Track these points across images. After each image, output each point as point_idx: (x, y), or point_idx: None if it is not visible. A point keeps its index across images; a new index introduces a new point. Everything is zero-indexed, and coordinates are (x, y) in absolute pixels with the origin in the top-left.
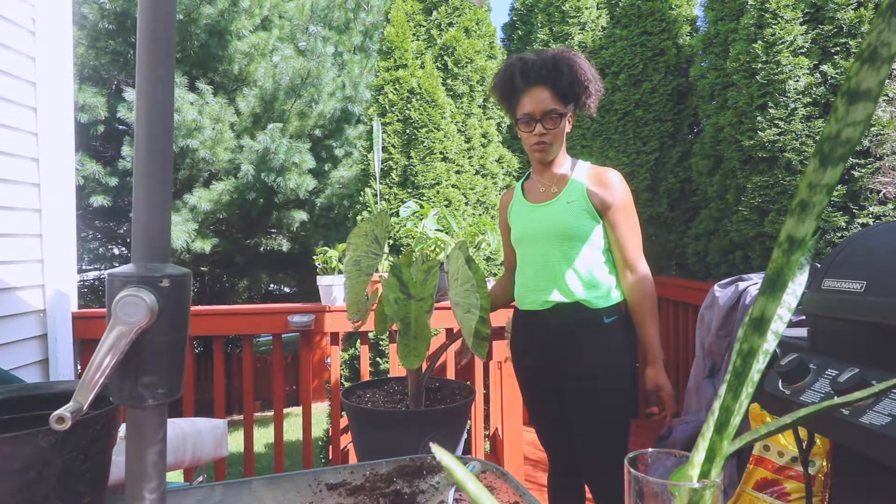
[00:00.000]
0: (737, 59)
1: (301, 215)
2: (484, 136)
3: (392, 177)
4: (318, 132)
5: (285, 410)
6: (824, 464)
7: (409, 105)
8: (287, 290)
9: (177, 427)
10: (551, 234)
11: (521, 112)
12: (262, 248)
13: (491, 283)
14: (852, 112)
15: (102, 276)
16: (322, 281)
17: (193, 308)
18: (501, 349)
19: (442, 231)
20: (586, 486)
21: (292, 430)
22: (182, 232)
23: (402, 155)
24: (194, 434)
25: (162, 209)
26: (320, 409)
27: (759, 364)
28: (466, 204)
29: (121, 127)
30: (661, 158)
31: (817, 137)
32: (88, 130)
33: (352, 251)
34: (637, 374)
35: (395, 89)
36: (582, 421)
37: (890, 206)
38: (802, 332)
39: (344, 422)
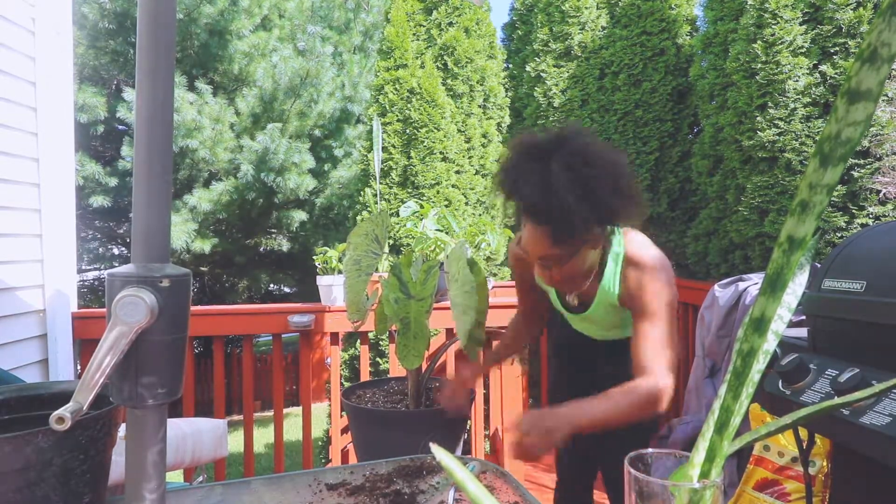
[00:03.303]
0: (736, 59)
1: (301, 215)
2: (484, 135)
3: (392, 177)
4: (317, 132)
5: (285, 410)
6: (824, 464)
7: (409, 105)
8: (287, 290)
9: (177, 427)
10: (591, 338)
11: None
12: (262, 248)
13: (491, 284)
14: (852, 112)
15: (102, 276)
16: (322, 281)
17: (193, 308)
18: None
19: (442, 231)
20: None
21: (292, 430)
22: (182, 232)
23: (402, 155)
24: (194, 434)
25: (162, 209)
26: (320, 409)
27: (759, 364)
28: (466, 204)
29: (121, 127)
30: (661, 158)
31: (817, 137)
32: (88, 130)
33: (352, 251)
34: None
35: (395, 89)
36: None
37: (890, 206)
38: (802, 332)
39: (344, 422)
